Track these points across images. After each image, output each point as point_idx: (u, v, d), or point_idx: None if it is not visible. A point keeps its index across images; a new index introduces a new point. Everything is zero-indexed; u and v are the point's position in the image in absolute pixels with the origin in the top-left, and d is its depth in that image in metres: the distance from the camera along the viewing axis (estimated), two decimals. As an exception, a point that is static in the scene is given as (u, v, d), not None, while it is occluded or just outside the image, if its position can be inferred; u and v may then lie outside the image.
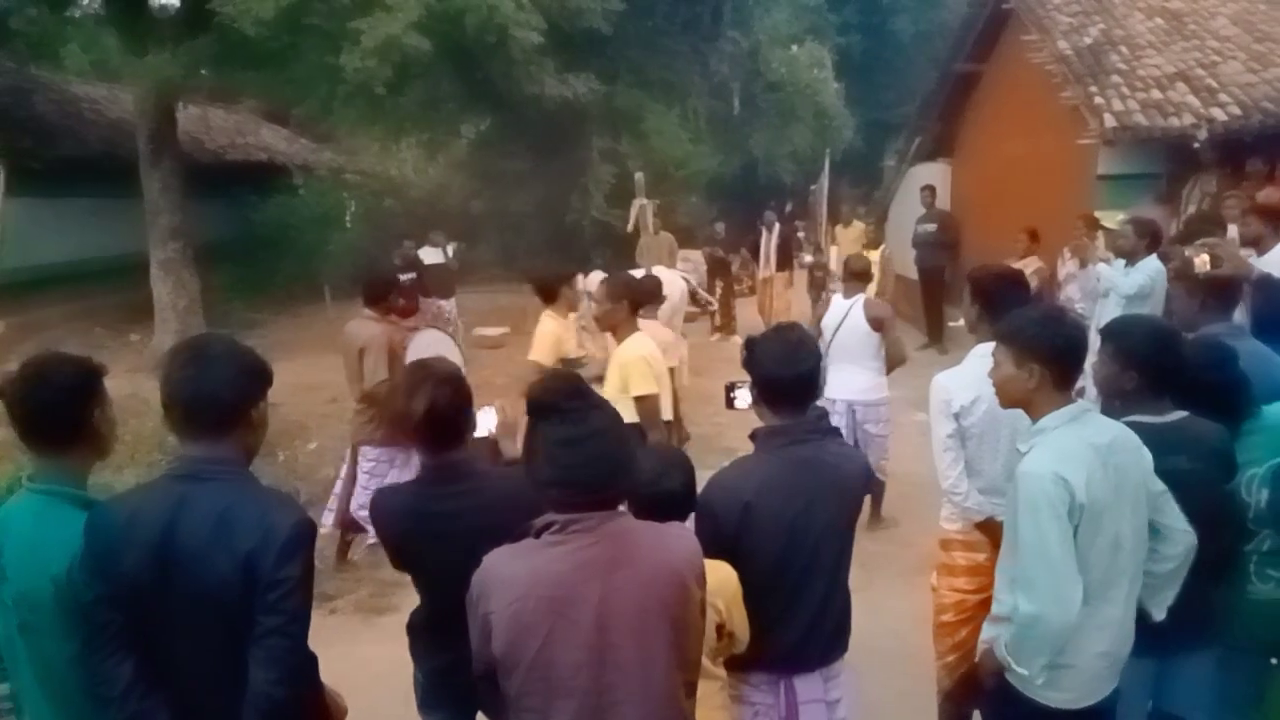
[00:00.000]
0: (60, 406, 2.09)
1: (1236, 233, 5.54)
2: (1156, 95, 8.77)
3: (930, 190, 11.98)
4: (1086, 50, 9.64)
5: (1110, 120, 8.39)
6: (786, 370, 2.43)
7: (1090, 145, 8.68)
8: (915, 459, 5.25)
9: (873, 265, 6.66)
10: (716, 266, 13.75)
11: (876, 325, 5.55)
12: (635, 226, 12.47)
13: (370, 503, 2.55)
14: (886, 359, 5.64)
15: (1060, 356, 2.31)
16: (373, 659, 3.77)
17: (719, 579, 2.22)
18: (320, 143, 19.17)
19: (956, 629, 3.21)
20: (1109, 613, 2.29)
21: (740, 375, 2.61)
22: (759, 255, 13.53)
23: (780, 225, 13.65)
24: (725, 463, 2.67)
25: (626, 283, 4.39)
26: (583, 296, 5.87)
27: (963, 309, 3.39)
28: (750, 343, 2.54)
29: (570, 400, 1.86)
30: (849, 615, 2.58)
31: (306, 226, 14.81)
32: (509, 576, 1.83)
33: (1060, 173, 9.57)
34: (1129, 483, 2.27)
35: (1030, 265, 8.26)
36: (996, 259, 5.88)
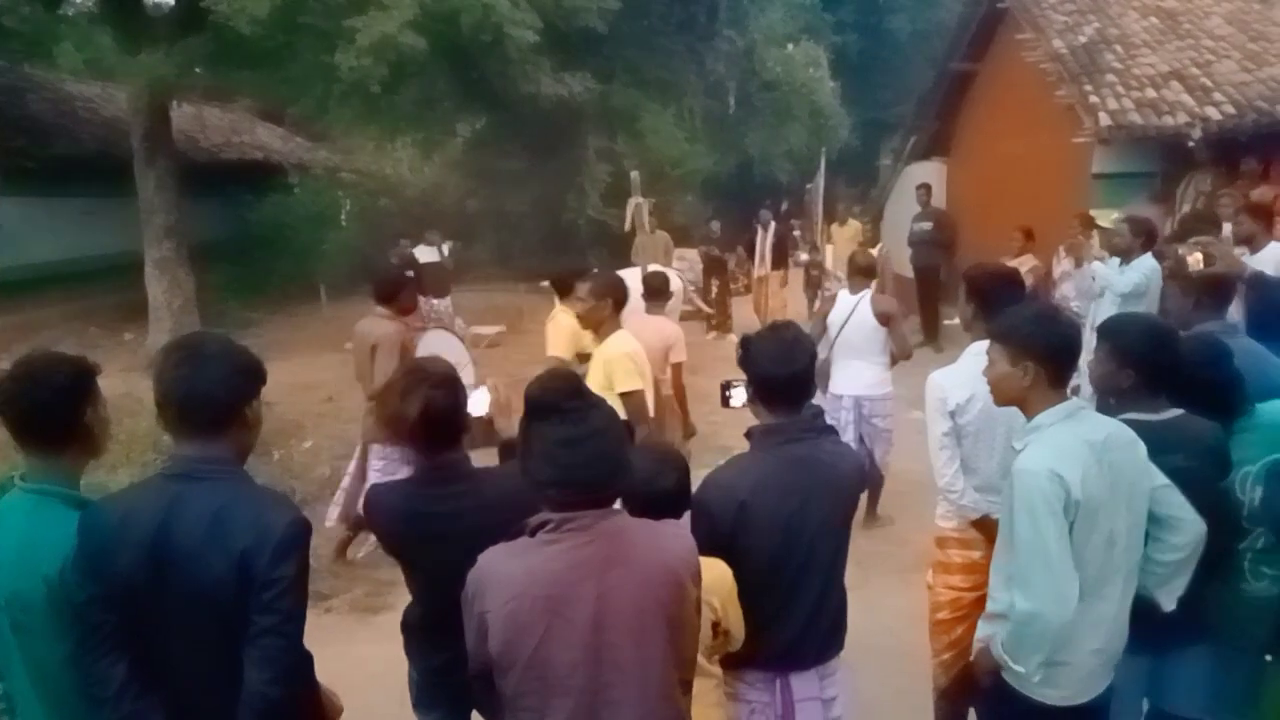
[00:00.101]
0: (53, 406, 2.08)
1: (1231, 231, 5.55)
2: (1151, 94, 8.79)
3: (926, 189, 12.00)
4: (1081, 49, 9.66)
5: (1105, 119, 8.41)
6: (782, 369, 2.43)
7: (1085, 144, 8.69)
8: (911, 457, 5.26)
9: (872, 263, 6.68)
10: (712, 265, 13.77)
11: (884, 320, 5.61)
12: (631, 225, 12.48)
13: (365, 499, 2.53)
14: (893, 352, 5.70)
15: (1055, 354, 2.31)
16: (368, 658, 3.76)
17: (714, 577, 2.22)
18: (315, 141, 19.12)
19: (952, 627, 3.22)
20: (1103, 610, 2.29)
21: (736, 374, 2.61)
22: (755, 254, 13.55)
23: (776, 224, 13.68)
24: (721, 461, 2.66)
25: (609, 281, 4.38)
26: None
27: (958, 307, 3.40)
28: (745, 341, 2.54)
29: (570, 400, 1.86)
30: (845, 613, 2.58)
31: (302, 225, 14.77)
32: (505, 575, 1.83)
33: (1055, 171, 9.58)
34: (1124, 479, 2.27)
35: (1025, 264, 8.28)
36: (992, 257, 5.92)
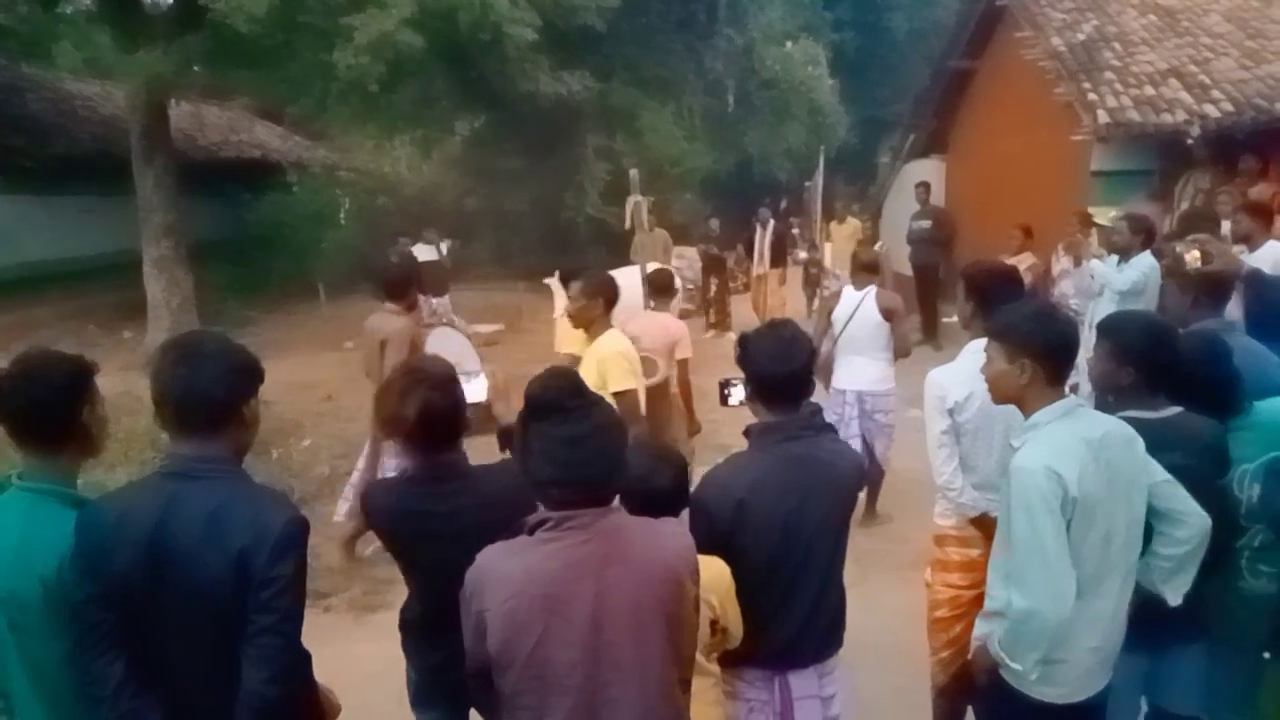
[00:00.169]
0: (50, 405, 2.08)
1: (1229, 229, 5.55)
2: (1150, 92, 8.79)
3: (925, 187, 12.00)
4: (1080, 47, 9.66)
5: (1104, 116, 8.41)
6: (780, 367, 2.43)
7: (1084, 142, 8.70)
8: (910, 455, 5.27)
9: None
10: (711, 263, 13.77)
11: (888, 316, 5.65)
12: (630, 224, 12.47)
13: (363, 497, 2.53)
14: (895, 348, 5.74)
15: (1052, 352, 2.31)
16: (366, 657, 3.76)
17: (712, 575, 2.22)
18: (314, 140, 19.11)
19: (951, 624, 3.22)
20: (1101, 607, 2.29)
21: (734, 372, 2.61)
22: (753, 252, 13.55)
23: (775, 222, 13.68)
24: (720, 459, 2.66)
25: (600, 280, 4.37)
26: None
27: (957, 305, 3.40)
28: (744, 339, 2.53)
29: (573, 398, 1.85)
30: (844, 611, 2.58)
31: (300, 224, 14.76)
32: (503, 574, 1.82)
33: (1054, 169, 9.58)
34: (1121, 477, 2.27)
35: (1024, 261, 8.27)
36: (991, 255, 5.91)
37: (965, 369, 3.02)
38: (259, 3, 8.83)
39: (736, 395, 2.67)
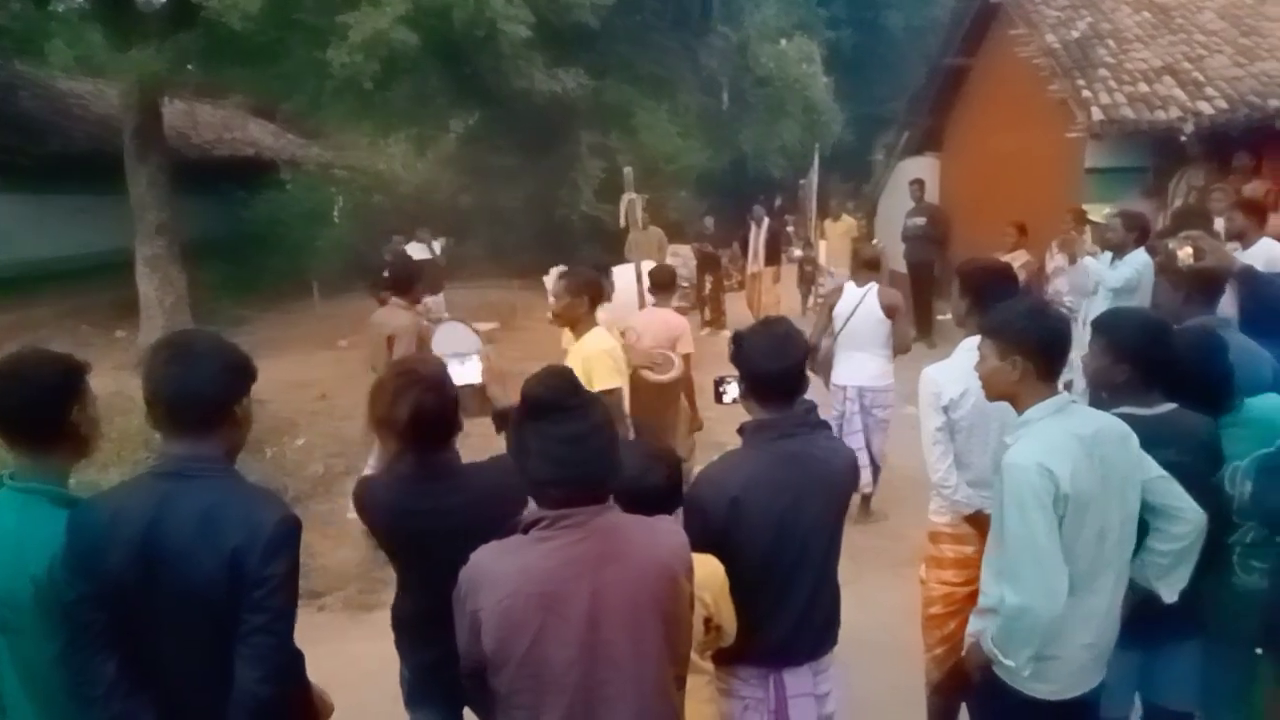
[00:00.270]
0: (40, 405, 2.07)
1: (1223, 226, 5.56)
2: (1144, 89, 8.81)
3: (919, 184, 12.01)
4: (1074, 44, 9.68)
5: (1098, 114, 8.43)
6: (774, 364, 2.43)
7: (1078, 139, 8.71)
8: (905, 452, 5.28)
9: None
10: (706, 261, 13.77)
11: (891, 313, 5.70)
12: (625, 221, 12.45)
13: (356, 493, 2.52)
14: (895, 345, 5.78)
15: (1043, 349, 2.32)
16: (362, 656, 3.76)
17: (706, 572, 2.22)
18: (308, 138, 19.03)
19: (945, 621, 3.22)
20: (1094, 604, 2.30)
21: (729, 370, 2.61)
22: (748, 250, 13.55)
23: (769, 220, 13.70)
24: (714, 457, 2.66)
25: (585, 278, 4.35)
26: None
27: (951, 303, 3.40)
28: (738, 337, 2.54)
29: (572, 396, 1.84)
30: (838, 609, 2.58)
31: (294, 222, 14.71)
32: (498, 573, 1.82)
33: (1048, 166, 9.60)
34: (1115, 473, 2.28)
35: (1018, 259, 8.29)
36: (985, 252, 5.94)
37: (960, 366, 3.02)
38: (253, 0, 8.80)
39: (731, 393, 2.67)
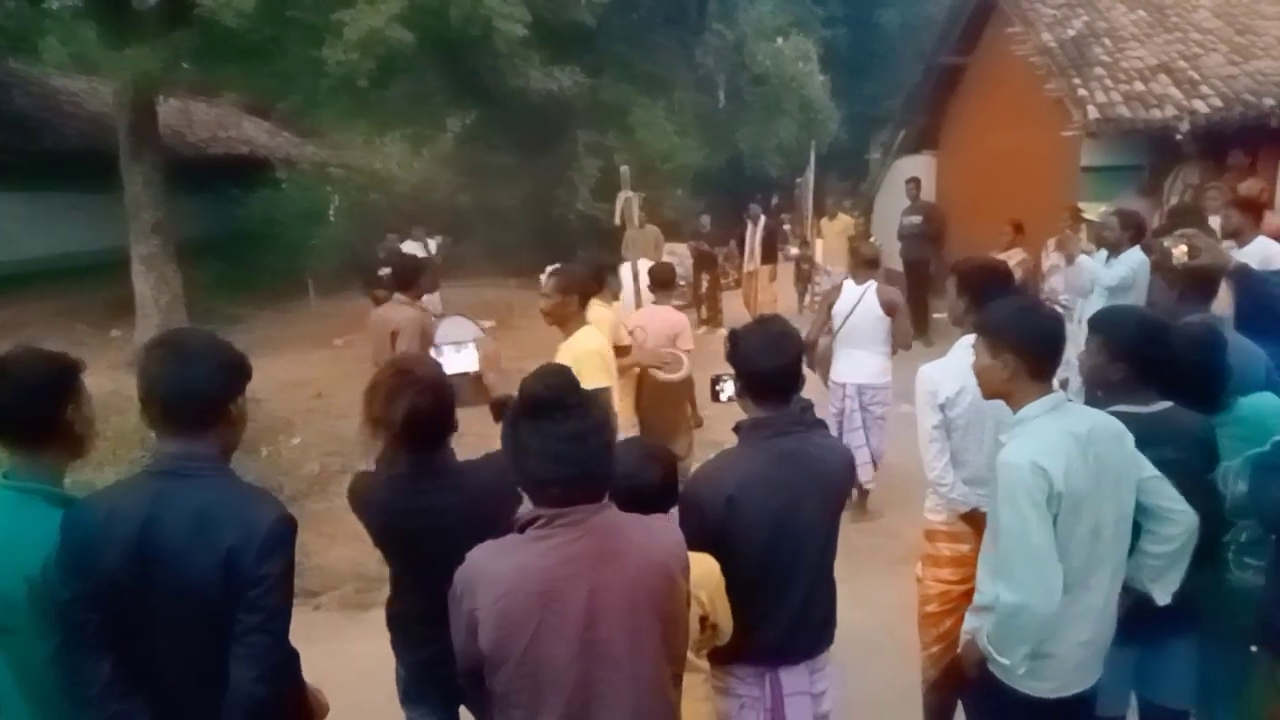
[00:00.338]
0: (33, 404, 2.06)
1: (1219, 224, 5.57)
2: (1139, 87, 8.82)
3: (915, 183, 12.01)
4: (1070, 42, 9.69)
5: (1093, 112, 8.44)
6: (770, 363, 2.43)
7: (1074, 137, 8.73)
8: (901, 450, 5.28)
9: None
10: (702, 260, 13.75)
11: (890, 311, 5.71)
12: (621, 220, 12.44)
13: (350, 489, 2.51)
14: (894, 342, 5.80)
15: (1033, 346, 2.32)
16: (358, 655, 3.75)
17: (702, 571, 2.22)
18: (304, 136, 18.98)
19: (941, 619, 3.22)
20: (1090, 601, 2.30)
21: (726, 368, 2.61)
22: (744, 248, 13.54)
23: (766, 218, 13.68)
24: (711, 455, 2.66)
25: (574, 276, 4.35)
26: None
27: (946, 301, 3.40)
28: (734, 335, 2.53)
29: (573, 394, 1.84)
30: (835, 607, 2.58)
31: (290, 221, 14.66)
32: (495, 572, 1.81)
33: (1044, 165, 9.62)
34: (1109, 471, 2.28)
35: (1014, 257, 8.31)
36: (981, 251, 5.95)
37: (956, 364, 3.02)
38: (248, -2, 8.78)
39: (727, 391, 2.67)
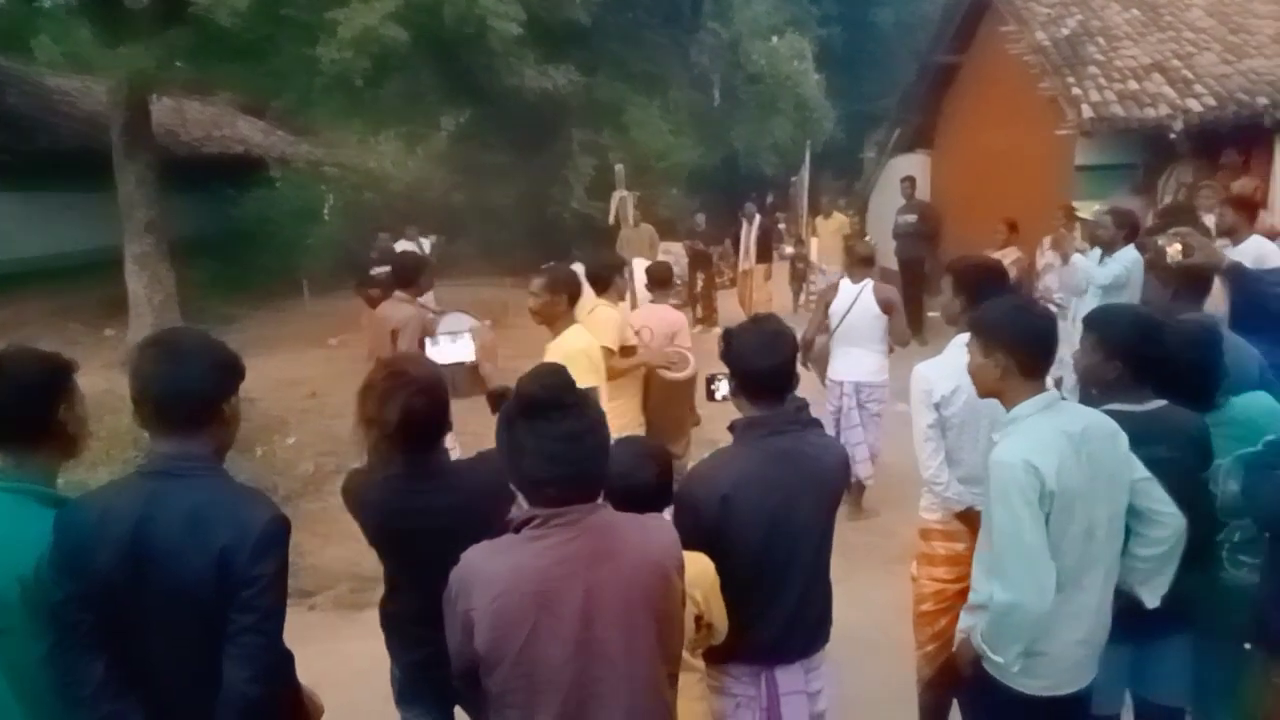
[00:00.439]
0: (26, 403, 2.05)
1: (1213, 222, 5.58)
2: (1133, 86, 8.84)
3: (910, 181, 12.03)
4: (1064, 41, 9.71)
5: (1087, 111, 8.46)
6: (764, 362, 2.42)
7: (1068, 136, 8.74)
8: (896, 449, 5.29)
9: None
10: (697, 259, 13.75)
11: (887, 309, 5.71)
12: (616, 219, 12.43)
13: (344, 488, 2.51)
14: (891, 339, 5.81)
15: (1024, 345, 2.32)
16: (353, 655, 3.75)
17: (696, 570, 2.22)
18: (298, 135, 18.95)
19: (936, 618, 3.23)
20: (1084, 600, 2.30)
21: (721, 367, 2.61)
22: (739, 247, 13.55)
23: (761, 217, 13.68)
24: (706, 454, 2.66)
25: (563, 276, 4.35)
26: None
27: (941, 300, 3.40)
28: (728, 335, 2.53)
29: (569, 394, 1.83)
30: (830, 606, 2.58)
31: (284, 220, 14.64)
32: (490, 573, 1.81)
33: (1038, 164, 9.63)
34: (1103, 470, 2.28)
35: (1009, 256, 8.32)
36: (976, 250, 5.96)
37: (951, 363, 3.02)
38: (241, -3, 8.76)
39: (722, 390, 2.66)
